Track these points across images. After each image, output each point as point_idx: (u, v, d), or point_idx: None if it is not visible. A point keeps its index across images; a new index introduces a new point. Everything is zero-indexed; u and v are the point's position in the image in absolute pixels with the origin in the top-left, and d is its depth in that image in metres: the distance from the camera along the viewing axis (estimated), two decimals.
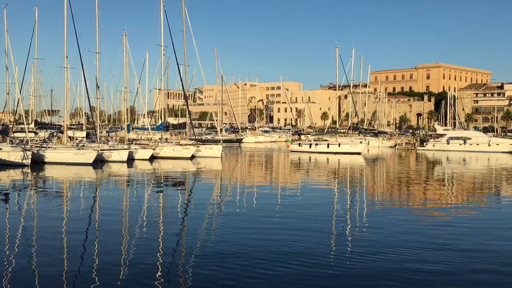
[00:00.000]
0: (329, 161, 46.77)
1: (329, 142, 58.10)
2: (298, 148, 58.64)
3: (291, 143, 61.28)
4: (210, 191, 25.94)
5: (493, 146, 64.13)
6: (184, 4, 49.08)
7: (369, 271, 10.91)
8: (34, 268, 10.95)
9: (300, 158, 49.32)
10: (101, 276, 10.33)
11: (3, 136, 41.81)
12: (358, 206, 20.70)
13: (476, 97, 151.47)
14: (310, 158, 49.41)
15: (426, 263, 11.53)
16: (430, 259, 11.88)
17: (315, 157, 51.30)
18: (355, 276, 10.63)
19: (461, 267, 11.33)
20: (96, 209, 19.03)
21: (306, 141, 60.16)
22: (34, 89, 65.16)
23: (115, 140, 48.79)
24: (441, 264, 11.42)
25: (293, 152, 57.68)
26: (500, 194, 25.67)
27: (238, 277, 10.43)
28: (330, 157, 50.74)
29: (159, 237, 13.92)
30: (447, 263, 11.51)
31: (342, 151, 55.65)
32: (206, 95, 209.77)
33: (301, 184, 29.39)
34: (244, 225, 15.65)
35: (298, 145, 59.21)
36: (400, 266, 11.32)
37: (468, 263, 11.58)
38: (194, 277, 10.37)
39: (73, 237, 14.01)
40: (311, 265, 11.23)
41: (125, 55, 49.64)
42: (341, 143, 57.58)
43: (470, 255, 12.29)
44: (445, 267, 11.22)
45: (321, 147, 57.28)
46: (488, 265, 11.51)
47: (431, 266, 11.25)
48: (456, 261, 11.74)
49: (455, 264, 11.47)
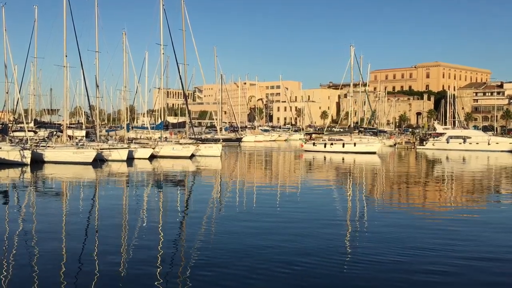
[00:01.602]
0: (345, 160, 46.05)
1: (344, 142, 57.37)
2: (312, 147, 57.83)
3: (305, 142, 60.56)
4: (211, 189, 25.91)
5: (492, 145, 64.16)
6: (184, 3, 49.11)
7: (376, 274, 10.90)
8: (34, 268, 10.92)
9: (315, 158, 48.85)
10: (101, 277, 10.32)
11: (2, 135, 41.77)
12: (369, 208, 20.65)
13: (475, 96, 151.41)
14: (325, 158, 48.95)
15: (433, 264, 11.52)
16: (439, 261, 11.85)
17: (330, 156, 50.73)
18: (358, 277, 10.62)
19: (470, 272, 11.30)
20: (96, 209, 18.99)
21: (321, 141, 59.52)
22: (34, 88, 65.12)
23: (114, 139, 48.76)
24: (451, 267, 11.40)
25: (307, 151, 56.96)
26: (500, 194, 25.66)
27: (238, 279, 10.41)
28: (346, 157, 50.04)
29: (159, 238, 13.88)
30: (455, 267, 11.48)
31: (357, 151, 54.78)
32: (205, 94, 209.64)
33: (314, 183, 29.36)
34: (250, 225, 15.63)
35: (313, 145, 58.43)
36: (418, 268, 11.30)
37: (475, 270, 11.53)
38: (193, 278, 10.34)
39: (72, 237, 13.97)
40: (311, 267, 11.20)
41: (125, 54, 49.57)
42: (356, 143, 56.63)
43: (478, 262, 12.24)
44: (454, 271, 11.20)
45: (336, 147, 56.55)
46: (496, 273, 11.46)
47: (437, 268, 11.24)
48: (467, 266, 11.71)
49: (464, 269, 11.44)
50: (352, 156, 50.61)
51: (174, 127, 57.26)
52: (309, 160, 46.82)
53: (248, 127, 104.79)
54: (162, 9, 47.61)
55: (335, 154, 53.95)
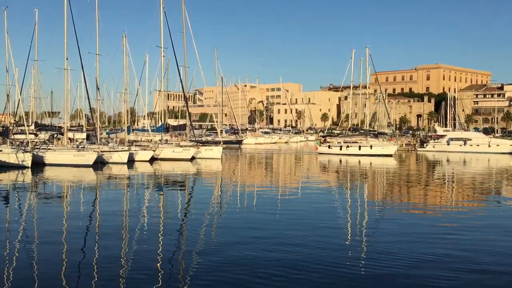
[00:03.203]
0: (365, 164, 45.37)
1: (360, 144, 56.86)
2: (327, 150, 57.19)
3: (320, 145, 59.78)
4: (211, 192, 25.88)
5: (493, 147, 64.05)
6: (184, 6, 49.17)
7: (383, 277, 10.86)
8: (34, 269, 10.91)
9: (330, 161, 48.36)
10: (101, 277, 10.31)
11: (3, 138, 41.78)
12: (385, 212, 20.60)
13: (476, 98, 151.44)
14: (340, 161, 48.48)
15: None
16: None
17: (346, 159, 50.22)
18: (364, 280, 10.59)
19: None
20: (96, 211, 18.99)
21: (336, 143, 58.97)
22: (34, 90, 65.23)
23: (115, 141, 48.73)
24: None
25: (322, 154, 56.30)
26: (501, 195, 25.64)
27: (239, 281, 10.39)
28: (362, 159, 49.56)
29: (159, 240, 13.86)
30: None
31: (374, 153, 54.26)
32: (206, 97, 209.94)
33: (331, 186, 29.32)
34: (256, 229, 15.60)
35: (328, 147, 57.74)
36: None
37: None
38: (194, 283, 10.32)
39: (72, 239, 13.96)
40: (311, 271, 11.18)
41: (125, 56, 49.66)
42: (373, 145, 56.08)
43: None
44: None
45: (352, 149, 56.03)
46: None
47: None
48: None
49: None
50: (369, 159, 49.99)
51: (175, 129, 57.23)
52: (324, 162, 46.29)
53: (249, 130, 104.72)
54: (163, 11, 47.68)
55: (351, 156, 53.23)
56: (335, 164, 45.47)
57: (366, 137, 59.66)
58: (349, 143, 58.02)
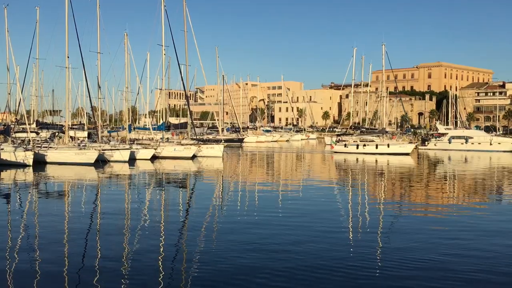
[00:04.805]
0: (382, 163, 44.77)
1: (377, 143, 56.36)
2: (343, 149, 56.56)
3: (336, 144, 59.00)
4: (212, 191, 25.87)
5: (494, 145, 64.01)
6: (185, 4, 49.17)
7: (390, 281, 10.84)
8: (36, 267, 10.90)
9: (346, 160, 47.80)
10: (102, 276, 10.31)
11: (5, 136, 41.84)
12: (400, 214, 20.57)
13: (477, 96, 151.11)
14: (357, 160, 47.90)
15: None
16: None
17: (363, 158, 49.61)
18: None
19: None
20: (97, 210, 18.99)
21: (352, 142, 58.28)
22: (36, 89, 65.43)
23: (116, 140, 48.77)
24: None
25: (337, 153, 55.66)
26: (502, 194, 25.59)
27: (241, 282, 10.37)
28: (379, 158, 49.13)
29: (160, 239, 13.84)
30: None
31: (391, 152, 53.74)
32: (207, 95, 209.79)
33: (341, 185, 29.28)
34: (259, 229, 15.58)
35: (344, 146, 57.09)
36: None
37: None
38: (193, 282, 10.31)
39: (73, 238, 13.98)
40: (313, 271, 11.17)
41: (126, 55, 49.61)
42: (389, 144, 55.41)
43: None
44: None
45: (369, 148, 55.53)
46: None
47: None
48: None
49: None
50: (386, 158, 49.49)
51: (176, 127, 57.24)
52: (340, 161, 45.65)
53: (250, 128, 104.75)
54: (164, 10, 47.67)
55: (368, 155, 52.62)
56: (352, 163, 44.32)
57: (383, 136, 59.02)
58: (366, 141, 57.55)
